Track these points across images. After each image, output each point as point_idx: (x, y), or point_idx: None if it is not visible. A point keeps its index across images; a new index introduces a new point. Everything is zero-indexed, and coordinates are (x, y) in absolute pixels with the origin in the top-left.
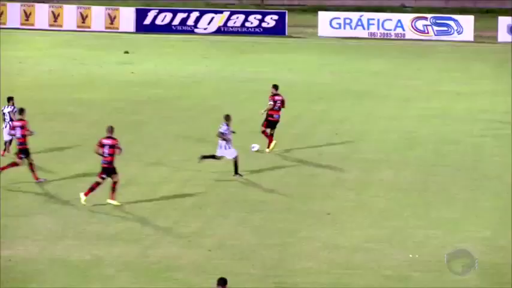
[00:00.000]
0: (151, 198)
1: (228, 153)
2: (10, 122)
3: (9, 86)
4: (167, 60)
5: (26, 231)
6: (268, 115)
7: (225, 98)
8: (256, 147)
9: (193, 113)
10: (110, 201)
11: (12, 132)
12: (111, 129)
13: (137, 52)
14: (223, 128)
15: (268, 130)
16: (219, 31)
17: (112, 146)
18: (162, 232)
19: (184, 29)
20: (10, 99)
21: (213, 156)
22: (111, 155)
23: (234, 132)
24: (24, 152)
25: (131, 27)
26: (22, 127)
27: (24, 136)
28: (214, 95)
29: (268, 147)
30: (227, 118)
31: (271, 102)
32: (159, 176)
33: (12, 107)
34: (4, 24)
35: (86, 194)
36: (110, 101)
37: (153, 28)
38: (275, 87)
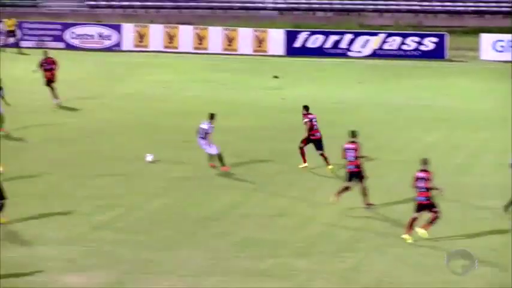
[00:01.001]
0: (303, 231)
1: None
2: (202, 140)
3: (152, 112)
4: (319, 85)
5: (172, 266)
6: (309, 134)
7: (379, 126)
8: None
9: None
10: (418, 229)
11: (349, 155)
12: (425, 161)
13: (287, 77)
14: None
15: (317, 150)
16: (374, 54)
17: (426, 179)
18: (316, 268)
19: (337, 52)
20: (212, 116)
21: None
22: (427, 189)
23: None
24: (356, 175)
25: (280, 50)
26: (355, 150)
27: (356, 158)
28: (368, 122)
29: (303, 164)
30: None
31: (306, 120)
32: (311, 207)
33: (209, 124)
34: (146, 47)
35: (407, 233)
36: (258, 128)
37: (304, 51)
38: (305, 108)
